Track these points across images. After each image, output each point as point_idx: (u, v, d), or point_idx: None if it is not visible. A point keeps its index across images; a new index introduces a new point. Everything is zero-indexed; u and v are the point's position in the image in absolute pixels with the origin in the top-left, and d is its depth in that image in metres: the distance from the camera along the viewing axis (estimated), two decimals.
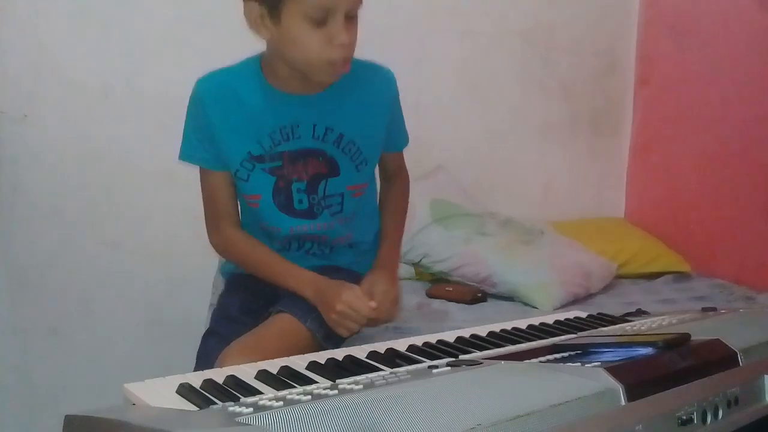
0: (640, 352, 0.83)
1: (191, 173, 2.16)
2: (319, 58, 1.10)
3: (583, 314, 1.29)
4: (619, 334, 1.01)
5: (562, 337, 1.03)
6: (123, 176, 2.13)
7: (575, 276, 1.93)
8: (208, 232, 1.29)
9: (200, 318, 2.06)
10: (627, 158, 2.74)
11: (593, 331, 1.08)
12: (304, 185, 1.24)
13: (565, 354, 0.89)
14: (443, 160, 2.29)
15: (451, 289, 1.95)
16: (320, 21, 1.07)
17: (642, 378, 0.73)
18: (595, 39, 2.62)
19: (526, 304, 1.88)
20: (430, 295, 1.95)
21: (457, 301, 1.90)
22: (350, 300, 1.10)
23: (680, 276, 2.23)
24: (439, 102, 2.34)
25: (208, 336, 1.27)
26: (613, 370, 0.71)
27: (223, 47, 2.13)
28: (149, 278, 2.19)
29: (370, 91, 1.22)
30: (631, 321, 1.19)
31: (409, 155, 1.45)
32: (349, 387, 0.68)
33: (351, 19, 1.10)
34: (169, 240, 2.19)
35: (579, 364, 0.75)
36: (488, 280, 1.94)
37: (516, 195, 2.48)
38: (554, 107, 2.59)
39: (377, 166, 1.36)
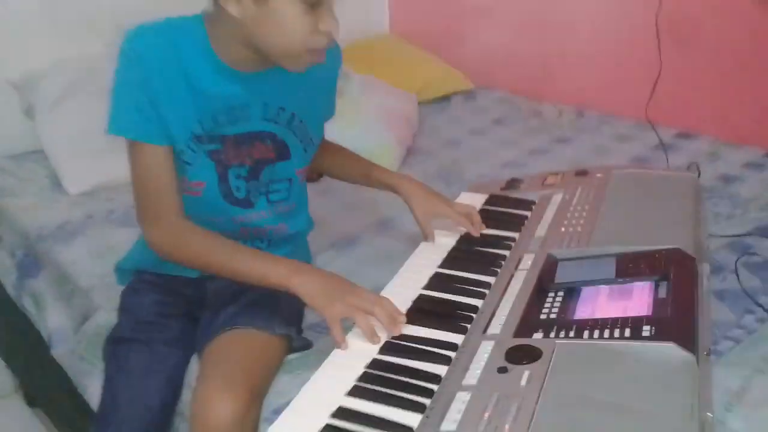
0: (643, 289, 0.91)
1: None
2: (302, 45, 0.95)
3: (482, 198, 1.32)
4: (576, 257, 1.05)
5: (526, 259, 1.07)
6: None
7: (402, 126, 1.92)
8: (144, 226, 1.02)
9: None
10: None
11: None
12: (245, 171, 1.05)
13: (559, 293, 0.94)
14: None
15: None
16: (313, 5, 0.92)
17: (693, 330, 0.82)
18: None
19: None
20: None
21: None
22: (390, 307, 0.94)
23: (467, 94, 2.37)
24: None
25: (121, 344, 1.06)
26: (682, 340, 0.78)
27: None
28: None
29: (321, 67, 1.03)
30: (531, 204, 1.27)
31: None
32: None
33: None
34: None
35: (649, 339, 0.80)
36: None
37: None
38: None
39: None
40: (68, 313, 1.36)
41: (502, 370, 0.80)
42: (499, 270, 1.07)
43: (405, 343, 0.91)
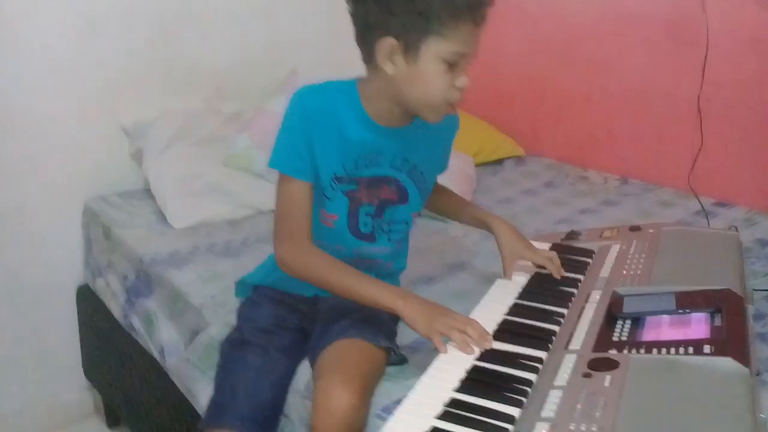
0: (700, 319, 1.07)
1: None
2: (440, 99, 1.15)
3: (545, 245, 1.50)
4: (640, 293, 1.23)
5: (594, 295, 1.24)
6: None
7: (463, 183, 2.12)
8: (278, 244, 1.22)
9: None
10: None
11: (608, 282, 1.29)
12: (372, 209, 1.27)
13: (627, 321, 1.11)
14: None
15: None
16: (452, 64, 1.12)
17: (746, 350, 0.97)
18: None
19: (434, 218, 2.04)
20: None
21: None
22: (480, 327, 1.11)
23: (518, 159, 2.58)
24: None
25: (242, 346, 1.24)
26: (738, 356, 0.94)
27: None
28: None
29: (442, 129, 1.28)
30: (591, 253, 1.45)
31: None
32: None
33: None
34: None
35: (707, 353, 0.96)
36: None
37: None
38: None
39: None
40: (179, 329, 1.55)
41: (587, 375, 0.96)
42: (570, 303, 1.24)
43: (496, 355, 1.08)
